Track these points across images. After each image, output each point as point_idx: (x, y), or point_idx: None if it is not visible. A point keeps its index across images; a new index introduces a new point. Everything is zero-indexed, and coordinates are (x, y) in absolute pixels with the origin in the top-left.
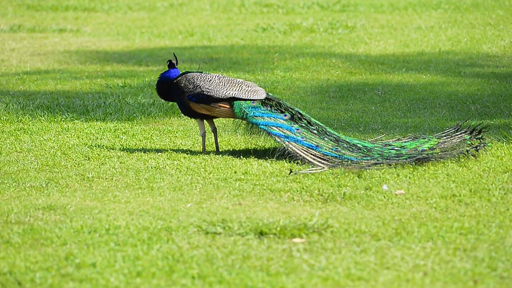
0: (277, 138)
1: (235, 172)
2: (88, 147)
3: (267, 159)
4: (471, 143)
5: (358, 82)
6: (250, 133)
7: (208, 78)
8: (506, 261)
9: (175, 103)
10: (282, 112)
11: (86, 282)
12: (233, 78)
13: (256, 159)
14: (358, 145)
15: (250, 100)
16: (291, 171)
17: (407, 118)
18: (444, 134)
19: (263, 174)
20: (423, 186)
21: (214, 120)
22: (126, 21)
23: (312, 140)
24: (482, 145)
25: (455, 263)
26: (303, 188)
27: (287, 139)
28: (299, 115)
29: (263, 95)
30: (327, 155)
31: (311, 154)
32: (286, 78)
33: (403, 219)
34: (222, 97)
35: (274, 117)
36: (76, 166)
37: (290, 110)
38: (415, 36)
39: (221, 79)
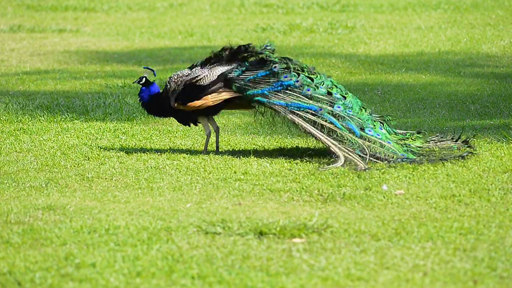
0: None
1: (235, 172)
2: (87, 147)
3: (267, 159)
4: (458, 148)
5: (358, 82)
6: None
7: (187, 72)
8: (506, 261)
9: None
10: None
11: (86, 282)
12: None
13: (256, 159)
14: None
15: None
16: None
17: (406, 118)
18: (431, 139)
19: (263, 174)
20: (422, 186)
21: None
22: (126, 21)
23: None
24: (468, 153)
25: (455, 263)
26: (302, 188)
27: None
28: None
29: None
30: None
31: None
32: None
33: (403, 219)
34: (212, 80)
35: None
36: (76, 166)
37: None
38: (414, 36)
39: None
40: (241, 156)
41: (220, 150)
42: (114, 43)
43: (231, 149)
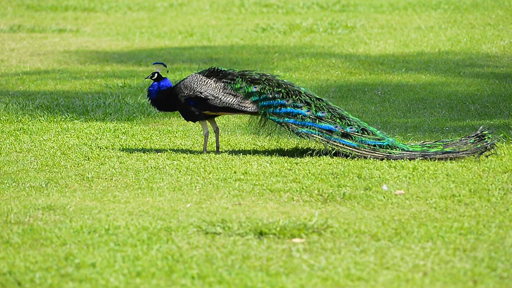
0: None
1: (235, 172)
2: (87, 147)
3: (267, 159)
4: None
5: (358, 82)
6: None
7: (205, 82)
8: (505, 261)
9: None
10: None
11: (86, 282)
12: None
13: (256, 159)
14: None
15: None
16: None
17: (406, 118)
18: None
19: (263, 174)
20: (423, 186)
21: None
22: (126, 21)
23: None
24: (490, 145)
25: (455, 263)
26: (302, 188)
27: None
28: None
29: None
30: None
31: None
32: (286, 78)
33: (403, 219)
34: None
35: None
36: (76, 166)
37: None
38: (414, 36)
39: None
40: (241, 156)
41: (220, 150)
42: (114, 43)
43: (231, 149)
